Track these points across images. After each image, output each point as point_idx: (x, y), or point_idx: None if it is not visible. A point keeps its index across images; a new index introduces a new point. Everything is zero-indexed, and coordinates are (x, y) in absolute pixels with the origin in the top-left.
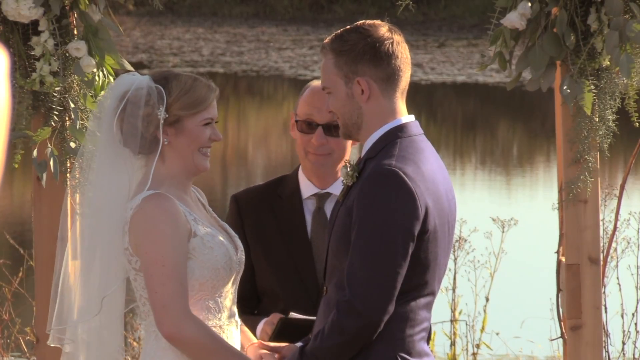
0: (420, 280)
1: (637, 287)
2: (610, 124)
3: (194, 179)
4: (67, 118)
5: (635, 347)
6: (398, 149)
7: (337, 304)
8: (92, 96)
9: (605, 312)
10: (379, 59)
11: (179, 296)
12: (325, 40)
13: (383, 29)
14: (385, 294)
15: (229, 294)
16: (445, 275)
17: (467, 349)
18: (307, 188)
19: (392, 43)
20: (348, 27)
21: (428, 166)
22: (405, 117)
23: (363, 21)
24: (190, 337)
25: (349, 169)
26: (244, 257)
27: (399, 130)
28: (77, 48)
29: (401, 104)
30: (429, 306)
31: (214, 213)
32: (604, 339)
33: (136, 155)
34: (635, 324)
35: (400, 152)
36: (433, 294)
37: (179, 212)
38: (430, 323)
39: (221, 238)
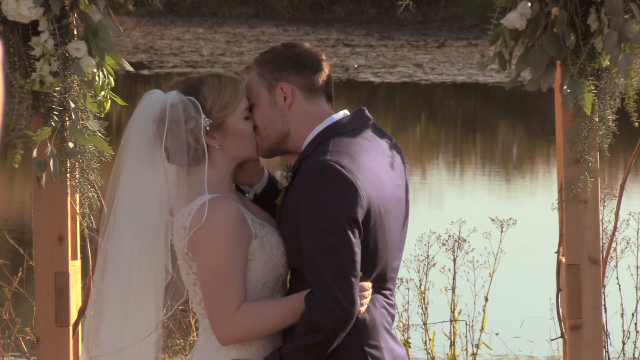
0: (372, 270)
1: (637, 287)
2: (610, 124)
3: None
4: (67, 118)
5: (635, 347)
6: (331, 145)
7: (307, 304)
8: (92, 96)
9: (605, 312)
10: (302, 67)
11: (228, 301)
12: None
13: (307, 44)
14: (350, 284)
15: (283, 289)
16: (445, 275)
17: (466, 349)
18: None
19: (316, 55)
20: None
21: (364, 157)
22: (336, 114)
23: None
24: (240, 336)
25: (283, 171)
26: None
27: (332, 129)
28: (77, 48)
29: (328, 107)
30: (387, 295)
31: None
32: (604, 339)
33: (185, 168)
34: (635, 324)
35: (333, 148)
36: (387, 281)
37: (241, 215)
38: (394, 310)
39: (278, 235)
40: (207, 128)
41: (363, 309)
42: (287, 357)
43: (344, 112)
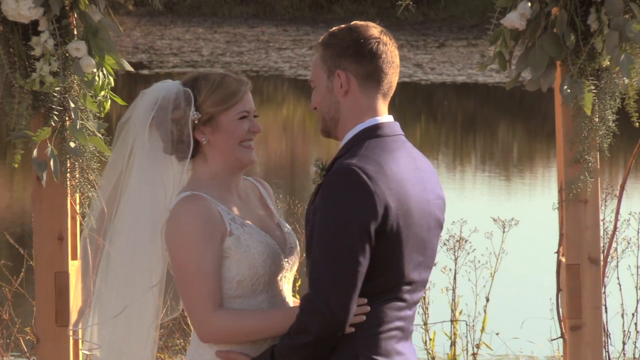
0: (381, 281)
1: (637, 287)
2: (610, 124)
3: (242, 172)
4: (67, 118)
5: (635, 347)
6: (364, 149)
7: (301, 303)
8: (92, 96)
9: (605, 312)
10: (361, 56)
11: (203, 298)
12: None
13: (374, 29)
14: (346, 293)
15: (274, 296)
16: (446, 275)
17: (467, 349)
18: None
19: (379, 43)
20: (343, 25)
21: (394, 167)
22: (381, 117)
23: (358, 21)
24: (220, 335)
25: (318, 168)
26: (295, 257)
27: (371, 130)
28: (77, 48)
29: (382, 105)
30: (401, 308)
31: (274, 207)
32: (604, 339)
33: (181, 161)
34: (635, 324)
35: (365, 152)
36: (401, 292)
37: (212, 212)
38: (407, 322)
39: (262, 236)
40: (196, 122)
41: (356, 321)
42: (278, 355)
43: (389, 117)
